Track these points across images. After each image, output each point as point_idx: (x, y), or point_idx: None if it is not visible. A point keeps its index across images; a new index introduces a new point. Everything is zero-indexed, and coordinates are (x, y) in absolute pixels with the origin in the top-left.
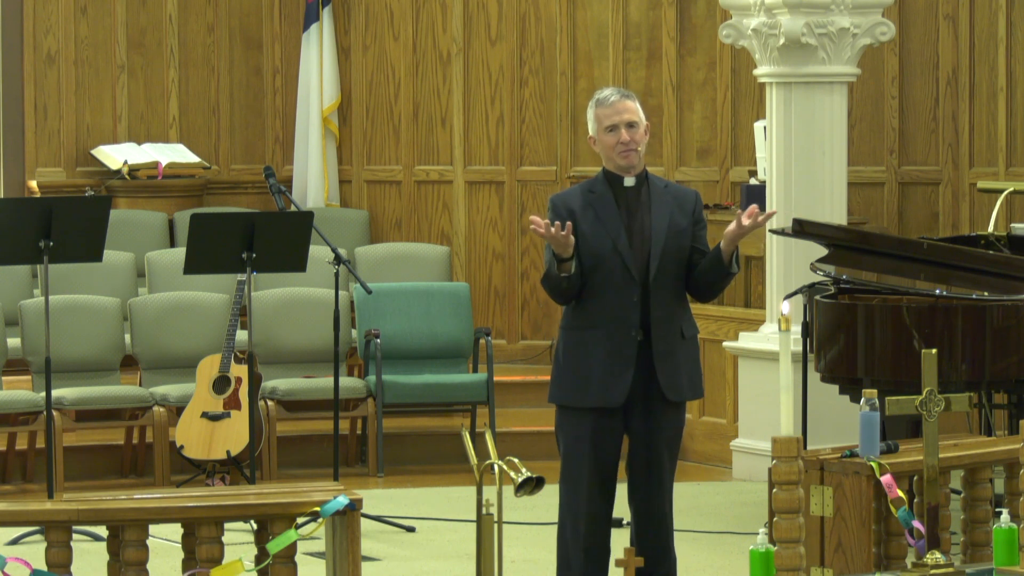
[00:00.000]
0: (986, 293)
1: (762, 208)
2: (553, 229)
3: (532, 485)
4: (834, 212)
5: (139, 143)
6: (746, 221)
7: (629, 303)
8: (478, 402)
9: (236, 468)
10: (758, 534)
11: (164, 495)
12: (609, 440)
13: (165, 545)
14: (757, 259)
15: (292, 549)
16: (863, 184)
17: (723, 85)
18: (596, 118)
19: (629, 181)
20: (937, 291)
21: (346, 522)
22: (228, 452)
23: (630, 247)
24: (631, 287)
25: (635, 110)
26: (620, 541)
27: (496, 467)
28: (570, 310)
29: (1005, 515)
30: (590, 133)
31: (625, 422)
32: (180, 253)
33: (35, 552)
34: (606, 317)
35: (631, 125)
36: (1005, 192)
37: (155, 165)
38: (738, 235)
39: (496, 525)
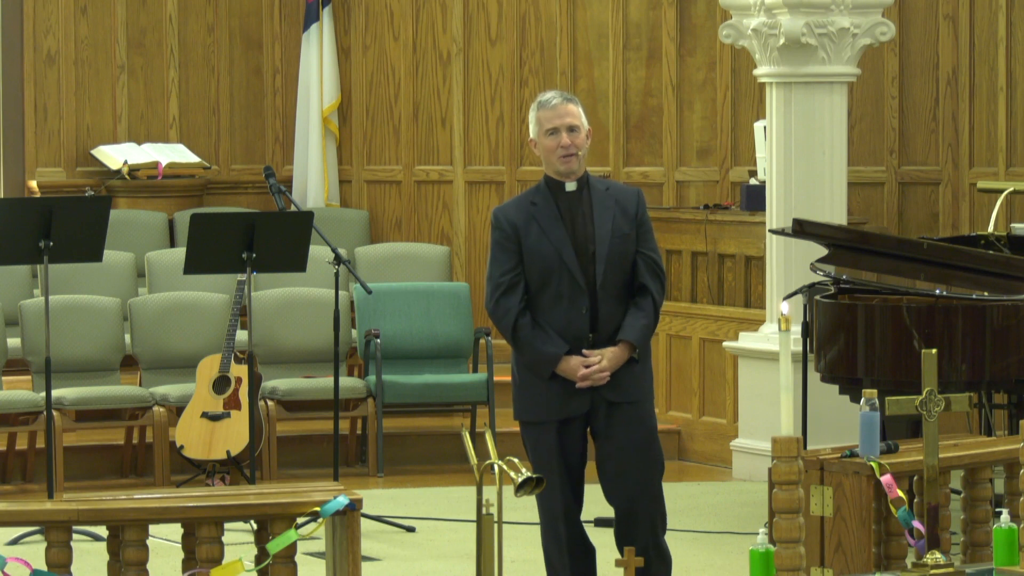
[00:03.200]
0: (986, 293)
1: (761, 208)
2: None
3: (532, 485)
4: (834, 212)
5: (139, 143)
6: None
7: (579, 315)
8: (478, 402)
9: (236, 468)
10: (758, 534)
11: (164, 495)
12: (575, 446)
13: (165, 545)
14: (757, 259)
15: (292, 549)
16: (863, 184)
17: (723, 85)
18: (538, 121)
19: (570, 186)
20: (937, 291)
21: (346, 522)
22: (228, 452)
23: (576, 257)
24: (580, 298)
25: (577, 114)
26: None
27: (496, 467)
28: None
29: (1005, 515)
30: (531, 136)
31: (590, 425)
32: (180, 253)
33: (35, 552)
34: (559, 330)
35: (572, 129)
36: (1005, 192)
37: (155, 165)
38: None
39: (496, 525)
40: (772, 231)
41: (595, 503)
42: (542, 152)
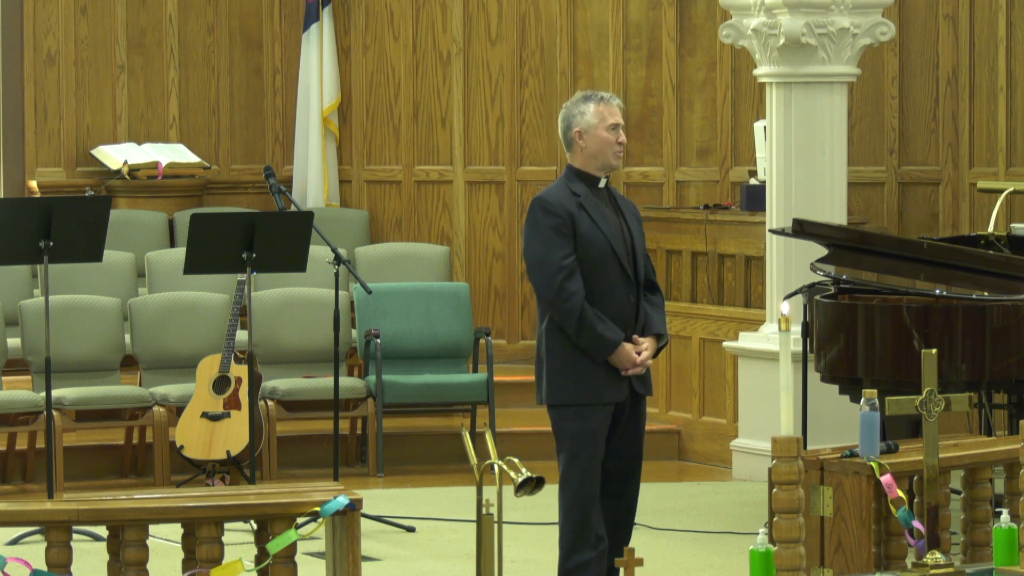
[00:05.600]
0: (986, 293)
1: (761, 208)
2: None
3: (532, 485)
4: (834, 212)
5: (139, 143)
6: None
7: (629, 304)
8: (478, 402)
9: (236, 468)
10: (758, 534)
11: (164, 495)
12: (605, 434)
13: (165, 545)
14: (757, 259)
15: (292, 549)
16: (863, 184)
17: (723, 85)
18: (598, 114)
19: (602, 182)
20: (937, 291)
21: (346, 522)
22: (228, 452)
23: (623, 248)
24: (630, 288)
25: None
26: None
27: (496, 467)
28: None
29: (1005, 515)
30: (578, 127)
31: (615, 417)
32: (180, 253)
33: (35, 552)
34: (611, 317)
35: (623, 128)
36: (1005, 192)
37: (155, 165)
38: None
39: (496, 525)
40: (772, 231)
41: None
42: (595, 144)
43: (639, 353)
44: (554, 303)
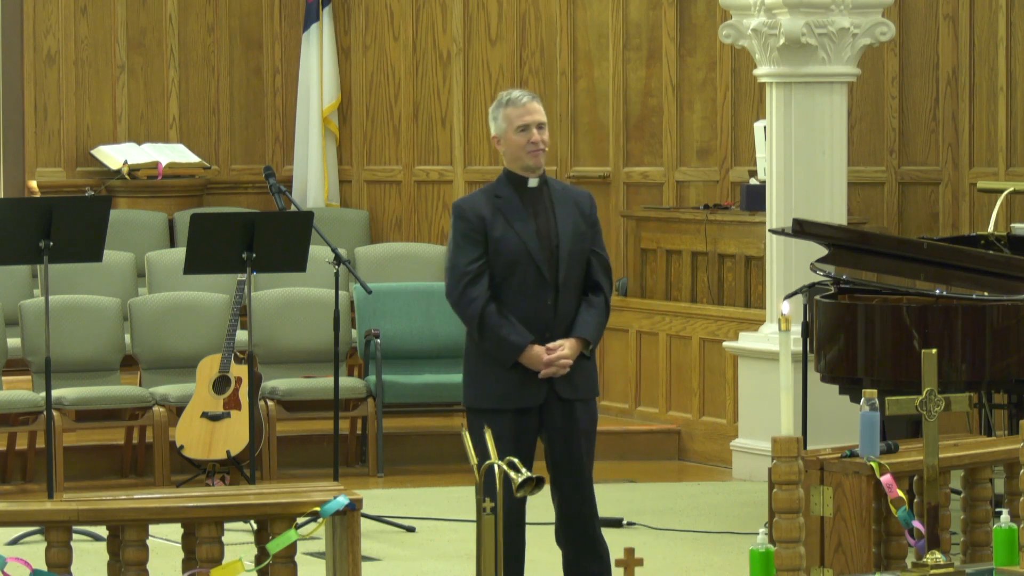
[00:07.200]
0: (986, 293)
1: (761, 208)
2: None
3: (532, 485)
4: (834, 212)
5: (139, 143)
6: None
7: (544, 306)
8: None
9: (236, 468)
10: (758, 534)
11: (164, 495)
12: (527, 439)
13: (165, 545)
14: (757, 259)
15: (292, 549)
16: (863, 184)
17: (723, 85)
18: (506, 118)
19: (533, 182)
20: (937, 291)
21: (346, 522)
22: (228, 452)
23: (541, 250)
24: (545, 290)
25: (543, 112)
26: (620, 540)
27: (496, 467)
28: None
29: (1005, 515)
30: (494, 133)
31: (540, 419)
32: (180, 253)
33: (35, 552)
34: (523, 321)
35: (540, 126)
36: (1005, 192)
37: (155, 165)
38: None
39: (496, 525)
40: (772, 231)
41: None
42: (509, 148)
43: (555, 355)
44: (457, 308)
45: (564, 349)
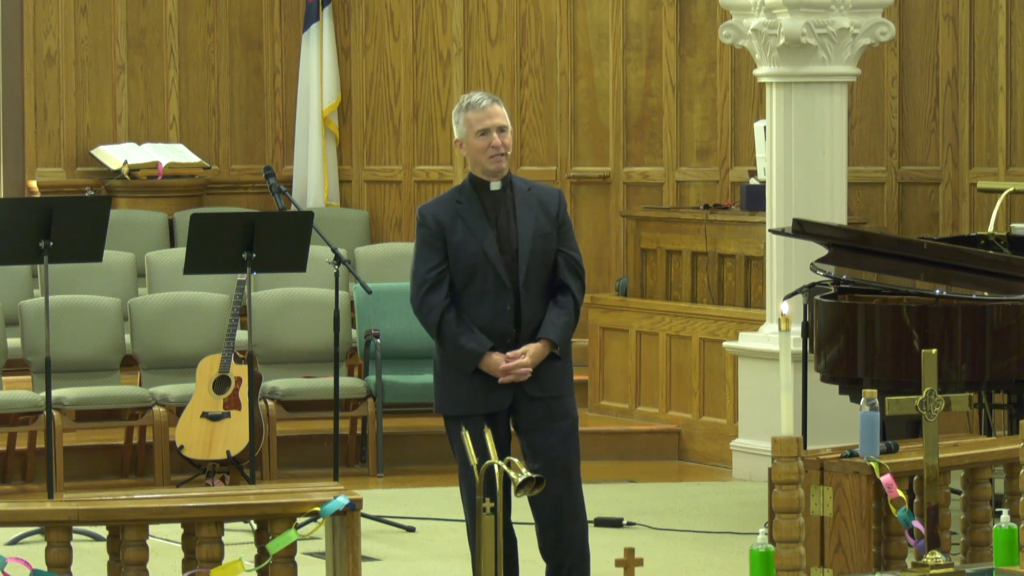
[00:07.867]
0: (986, 293)
1: (761, 208)
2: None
3: (532, 485)
4: (834, 212)
5: (139, 143)
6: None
7: (503, 311)
8: None
9: (236, 468)
10: (758, 534)
11: (164, 495)
12: (500, 441)
13: (165, 545)
14: (757, 259)
15: (292, 549)
16: (863, 184)
17: (723, 85)
18: (467, 122)
19: (495, 185)
20: (937, 291)
21: (346, 522)
22: (228, 452)
23: (500, 254)
24: (505, 295)
25: (505, 115)
26: (620, 540)
27: (496, 467)
28: None
29: (1005, 515)
30: (456, 137)
31: (514, 422)
32: (180, 253)
33: (35, 552)
34: (483, 327)
35: (501, 129)
36: (1005, 192)
37: (155, 165)
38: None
39: (496, 525)
40: (772, 231)
41: (593, 503)
42: (470, 152)
43: (513, 363)
44: (418, 316)
45: (524, 356)
